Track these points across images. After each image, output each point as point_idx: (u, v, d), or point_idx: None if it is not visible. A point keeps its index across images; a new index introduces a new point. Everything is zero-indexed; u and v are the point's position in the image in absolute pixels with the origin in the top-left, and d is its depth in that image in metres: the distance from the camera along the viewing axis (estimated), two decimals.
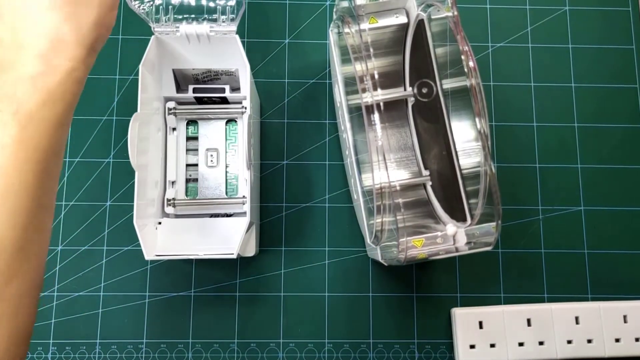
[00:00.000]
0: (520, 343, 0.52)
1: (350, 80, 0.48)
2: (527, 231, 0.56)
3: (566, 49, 0.60)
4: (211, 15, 0.47)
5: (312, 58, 0.59)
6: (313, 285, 0.55)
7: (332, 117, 0.58)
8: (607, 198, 0.57)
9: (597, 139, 0.58)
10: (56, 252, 0.54)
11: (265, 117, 0.58)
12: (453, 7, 0.41)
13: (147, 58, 0.46)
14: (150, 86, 0.47)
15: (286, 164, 0.57)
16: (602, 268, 0.56)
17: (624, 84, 0.60)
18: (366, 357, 0.54)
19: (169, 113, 0.51)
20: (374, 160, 0.39)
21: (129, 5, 0.46)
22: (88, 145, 0.57)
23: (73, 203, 0.55)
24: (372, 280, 0.55)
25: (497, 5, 0.61)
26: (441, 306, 0.55)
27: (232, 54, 0.48)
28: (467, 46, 0.39)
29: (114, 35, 0.59)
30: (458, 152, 0.46)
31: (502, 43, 0.60)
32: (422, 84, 0.48)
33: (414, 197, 0.49)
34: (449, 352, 0.54)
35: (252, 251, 0.50)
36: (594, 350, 0.52)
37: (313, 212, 0.56)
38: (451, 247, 0.43)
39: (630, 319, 0.53)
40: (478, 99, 0.38)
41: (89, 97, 0.57)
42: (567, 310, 0.53)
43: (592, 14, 0.61)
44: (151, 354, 0.53)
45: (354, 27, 0.43)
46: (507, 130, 0.58)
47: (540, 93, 0.59)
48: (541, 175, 0.57)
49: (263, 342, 0.54)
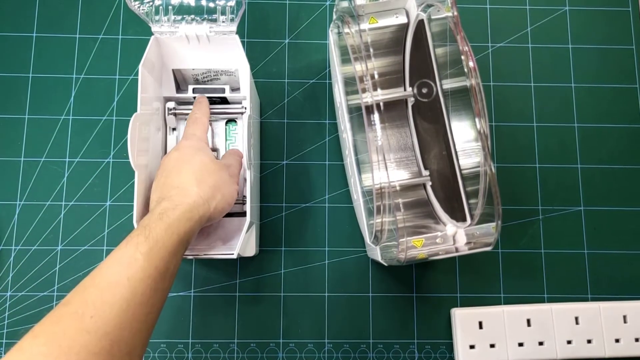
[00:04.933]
0: (520, 343, 0.52)
1: (350, 80, 0.48)
2: (527, 231, 0.56)
3: (566, 49, 0.60)
4: (211, 16, 0.47)
5: (312, 58, 0.59)
6: (313, 285, 0.55)
7: (332, 117, 0.58)
8: (607, 198, 0.57)
9: (597, 139, 0.58)
10: (56, 252, 0.54)
11: (265, 117, 0.58)
12: (453, 7, 0.41)
13: (147, 58, 0.46)
14: (150, 86, 0.47)
15: (286, 164, 0.57)
16: (602, 268, 0.56)
17: (624, 84, 0.60)
18: (366, 357, 0.54)
19: (169, 113, 0.51)
20: (374, 160, 0.39)
21: (129, 5, 0.46)
22: (88, 145, 0.57)
23: (73, 203, 0.55)
24: (372, 280, 0.55)
25: (497, 5, 0.61)
26: (441, 306, 0.55)
27: (232, 54, 0.48)
28: (467, 46, 0.39)
29: (114, 35, 0.59)
30: (458, 152, 0.46)
31: (502, 43, 0.60)
32: (422, 84, 0.48)
33: (414, 197, 0.49)
34: (449, 352, 0.54)
35: (252, 251, 0.50)
36: (594, 350, 0.52)
37: (313, 212, 0.56)
38: (451, 247, 0.43)
39: (630, 319, 0.53)
40: (478, 99, 0.38)
41: (89, 97, 0.57)
42: (567, 310, 0.53)
43: (592, 14, 0.61)
44: (151, 354, 0.53)
45: (354, 27, 0.43)
46: (507, 130, 0.58)
47: (540, 93, 0.59)
48: (541, 175, 0.57)
49: (263, 342, 0.54)
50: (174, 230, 0.37)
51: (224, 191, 0.43)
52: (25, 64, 0.58)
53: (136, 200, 0.43)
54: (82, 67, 0.58)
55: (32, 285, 0.54)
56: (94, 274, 0.34)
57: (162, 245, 0.36)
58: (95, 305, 0.32)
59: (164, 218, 0.38)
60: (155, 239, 0.36)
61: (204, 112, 0.49)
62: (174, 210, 0.38)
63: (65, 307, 0.32)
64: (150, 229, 0.37)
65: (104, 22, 0.59)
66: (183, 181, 0.41)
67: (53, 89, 0.57)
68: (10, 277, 0.54)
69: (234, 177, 0.46)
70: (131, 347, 0.33)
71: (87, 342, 0.30)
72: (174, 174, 0.42)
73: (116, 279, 0.33)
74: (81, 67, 0.58)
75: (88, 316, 0.31)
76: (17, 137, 0.56)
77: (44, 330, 0.31)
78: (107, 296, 0.32)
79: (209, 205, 0.41)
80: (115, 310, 0.32)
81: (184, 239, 0.38)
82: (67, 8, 0.59)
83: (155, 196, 0.42)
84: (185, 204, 0.39)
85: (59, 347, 0.30)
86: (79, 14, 0.59)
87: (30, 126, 0.57)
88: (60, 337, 0.30)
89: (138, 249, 0.35)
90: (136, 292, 0.33)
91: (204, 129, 0.47)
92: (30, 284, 0.54)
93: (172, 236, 0.37)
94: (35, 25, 0.59)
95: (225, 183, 0.44)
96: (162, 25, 0.46)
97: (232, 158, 0.48)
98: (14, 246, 0.54)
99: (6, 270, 0.54)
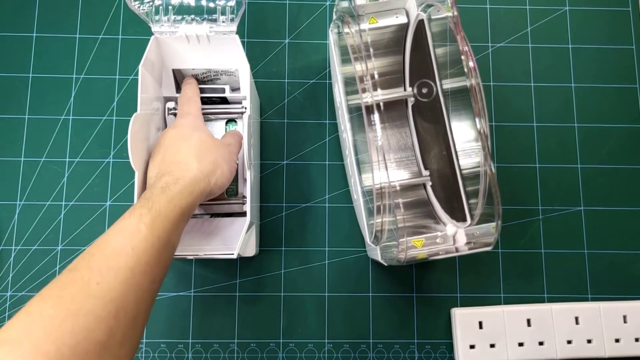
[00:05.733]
0: (520, 343, 0.52)
1: (350, 80, 0.48)
2: (527, 231, 0.56)
3: (566, 49, 0.60)
4: (211, 16, 0.47)
5: (312, 58, 0.59)
6: (313, 285, 0.55)
7: (332, 117, 0.58)
8: (607, 198, 0.57)
9: (597, 139, 0.58)
10: (56, 252, 0.54)
11: (265, 117, 0.58)
12: (453, 7, 0.41)
13: (147, 58, 0.46)
14: (150, 86, 0.47)
15: (286, 164, 0.57)
16: (602, 268, 0.56)
17: (624, 84, 0.60)
18: (366, 357, 0.54)
19: (169, 113, 0.51)
20: (374, 160, 0.39)
21: (129, 5, 0.46)
22: (88, 145, 0.57)
23: (73, 203, 0.55)
24: (372, 280, 0.55)
25: (497, 5, 0.61)
26: (441, 306, 0.55)
27: (232, 54, 0.48)
28: (467, 46, 0.39)
29: (114, 35, 0.59)
30: (458, 152, 0.46)
31: (502, 43, 0.60)
32: (422, 84, 0.48)
33: (414, 197, 0.49)
34: (449, 352, 0.54)
35: (252, 251, 0.50)
36: (594, 350, 0.52)
37: (313, 212, 0.56)
38: (451, 247, 0.43)
39: (630, 319, 0.53)
40: (478, 99, 0.38)
41: (89, 97, 0.57)
42: (567, 310, 0.53)
43: (592, 14, 0.61)
44: (151, 354, 0.53)
45: (354, 27, 0.43)
46: (507, 130, 0.58)
47: (540, 93, 0.59)
48: (541, 175, 0.57)
49: (263, 342, 0.54)
50: (176, 203, 0.38)
51: (223, 167, 0.44)
52: (25, 64, 0.58)
53: (136, 200, 0.43)
54: (82, 67, 0.58)
55: (32, 285, 0.54)
56: (99, 242, 0.34)
57: (165, 217, 0.37)
58: (101, 272, 0.32)
59: (166, 191, 0.38)
60: (158, 211, 0.37)
61: (195, 92, 0.49)
62: (175, 184, 0.39)
63: (71, 272, 0.32)
64: (152, 201, 0.37)
65: (104, 22, 0.59)
66: (183, 157, 0.42)
67: (53, 89, 0.57)
68: (10, 277, 0.54)
69: (233, 155, 0.47)
70: (135, 313, 0.34)
71: (93, 306, 0.31)
72: (172, 151, 0.43)
73: (121, 247, 0.34)
74: (81, 67, 0.58)
75: (94, 282, 0.32)
76: (17, 137, 0.56)
77: (51, 294, 0.31)
78: (112, 264, 0.33)
79: (209, 180, 0.42)
80: (120, 277, 0.33)
81: (185, 211, 0.39)
82: (67, 8, 0.59)
83: (154, 172, 0.42)
84: (187, 178, 0.40)
85: (66, 310, 0.30)
86: (79, 14, 0.59)
87: (30, 126, 0.57)
88: (67, 300, 0.31)
89: (142, 220, 0.36)
90: (140, 262, 0.34)
91: (197, 107, 0.48)
92: (31, 284, 0.54)
93: (175, 209, 0.38)
94: (35, 25, 0.59)
95: (225, 159, 0.44)
96: (162, 25, 0.46)
97: (231, 138, 0.49)
98: (14, 246, 0.54)
99: (6, 270, 0.54)
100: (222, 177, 0.43)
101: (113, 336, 0.31)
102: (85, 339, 0.30)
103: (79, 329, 0.30)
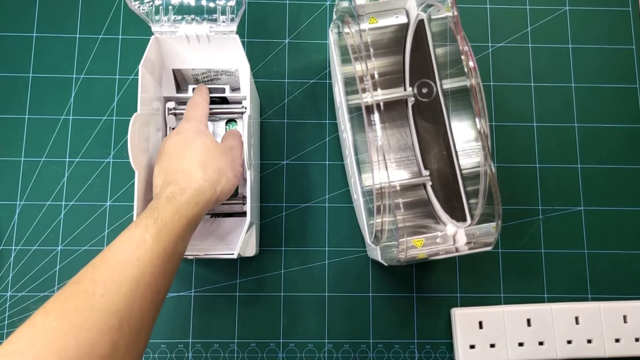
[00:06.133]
0: (520, 343, 0.52)
1: (350, 80, 0.48)
2: (527, 231, 0.56)
3: (566, 49, 0.60)
4: (211, 16, 0.47)
5: (312, 58, 0.59)
6: (313, 285, 0.55)
7: (332, 117, 0.58)
8: (607, 198, 0.57)
9: (597, 139, 0.58)
10: (56, 252, 0.54)
11: (265, 117, 0.58)
12: (453, 7, 0.41)
13: (147, 58, 0.46)
14: (150, 86, 0.47)
15: (286, 164, 0.57)
16: (602, 268, 0.56)
17: (624, 84, 0.60)
18: (366, 357, 0.54)
19: (169, 113, 0.51)
20: (374, 160, 0.39)
21: (129, 5, 0.46)
22: (88, 145, 0.57)
23: (73, 203, 0.55)
24: (372, 280, 0.55)
25: (497, 5, 0.61)
26: (441, 306, 0.55)
27: (232, 54, 0.48)
28: (467, 46, 0.39)
29: (114, 35, 0.59)
30: (458, 152, 0.46)
31: (502, 43, 0.60)
32: (422, 84, 0.48)
33: (414, 197, 0.49)
34: (449, 352, 0.54)
35: (252, 251, 0.50)
36: (594, 350, 0.52)
37: (313, 212, 0.56)
38: (451, 247, 0.43)
39: (630, 319, 0.53)
40: (478, 98, 0.38)
41: (89, 97, 0.57)
42: (567, 310, 0.53)
43: (592, 14, 0.61)
44: (151, 354, 0.53)
45: (354, 27, 0.43)
46: (507, 130, 0.58)
47: (540, 93, 0.59)
48: (541, 175, 0.57)
49: (263, 342, 0.54)
50: (182, 214, 0.38)
51: (228, 174, 0.44)
52: (25, 64, 0.58)
53: (136, 200, 0.43)
54: (82, 67, 0.58)
55: (32, 285, 0.54)
56: (104, 254, 0.34)
57: (171, 228, 0.37)
58: (105, 284, 0.32)
59: (172, 201, 0.38)
60: (164, 222, 0.36)
61: (204, 98, 0.49)
62: (181, 194, 0.39)
63: (75, 285, 0.32)
64: (158, 211, 0.37)
65: (104, 22, 0.59)
66: (187, 165, 0.42)
67: (53, 89, 0.57)
68: (10, 277, 0.54)
69: (237, 159, 0.47)
70: (140, 325, 0.33)
71: (97, 319, 0.31)
72: (177, 158, 0.43)
73: (126, 258, 0.34)
74: (81, 67, 0.58)
75: (98, 294, 0.32)
76: (17, 137, 0.56)
77: (55, 306, 0.31)
78: (117, 275, 0.33)
79: (215, 189, 0.42)
80: (125, 289, 0.33)
81: (191, 222, 0.39)
82: (67, 8, 0.59)
83: (160, 180, 0.42)
84: (192, 189, 0.40)
85: (70, 323, 0.30)
86: (79, 14, 0.59)
87: (30, 126, 0.57)
88: (71, 313, 0.31)
89: (147, 231, 0.35)
90: (145, 273, 0.34)
91: (204, 113, 0.48)
92: (31, 284, 0.54)
93: (181, 219, 0.38)
94: (35, 25, 0.59)
95: (229, 165, 0.44)
96: (162, 25, 0.46)
97: (232, 140, 0.48)
98: (14, 246, 0.54)
99: (6, 270, 0.54)
100: (227, 184, 0.43)
101: (117, 349, 0.31)
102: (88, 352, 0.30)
103: (83, 343, 0.30)
